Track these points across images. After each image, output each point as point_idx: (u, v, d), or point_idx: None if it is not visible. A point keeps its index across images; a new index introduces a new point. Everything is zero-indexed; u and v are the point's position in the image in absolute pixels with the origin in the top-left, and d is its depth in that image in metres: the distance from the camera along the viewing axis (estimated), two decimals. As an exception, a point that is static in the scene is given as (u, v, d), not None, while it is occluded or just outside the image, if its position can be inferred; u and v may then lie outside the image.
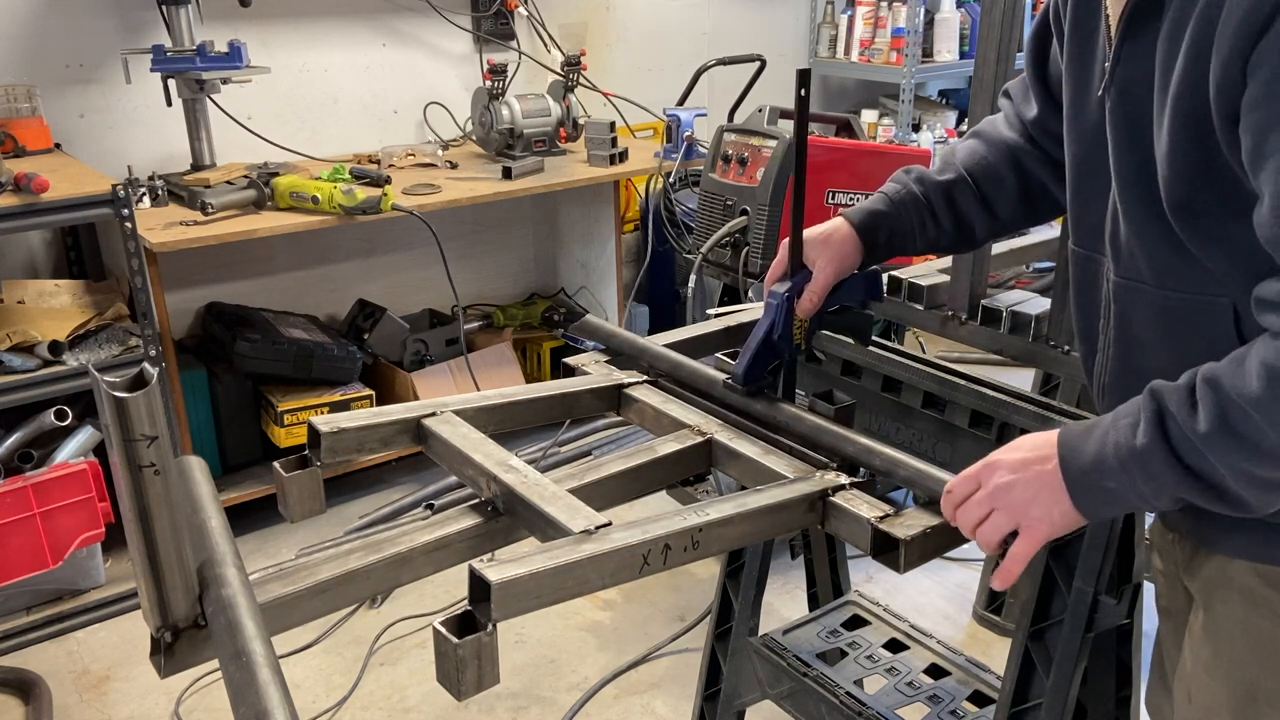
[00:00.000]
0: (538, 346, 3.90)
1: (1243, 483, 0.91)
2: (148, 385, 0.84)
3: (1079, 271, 1.20)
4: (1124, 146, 1.05)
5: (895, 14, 4.48)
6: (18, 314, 2.76)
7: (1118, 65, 1.04)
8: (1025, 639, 1.43)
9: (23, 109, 2.93)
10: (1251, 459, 0.89)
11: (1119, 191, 1.07)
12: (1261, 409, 0.87)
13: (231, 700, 0.84)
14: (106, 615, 2.76)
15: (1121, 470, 0.96)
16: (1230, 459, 0.90)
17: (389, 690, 2.51)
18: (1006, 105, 1.39)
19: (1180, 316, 1.04)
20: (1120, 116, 1.05)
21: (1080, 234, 1.19)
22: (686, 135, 3.47)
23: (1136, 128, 1.02)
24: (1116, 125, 1.05)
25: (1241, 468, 0.90)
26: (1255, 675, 1.09)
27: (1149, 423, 0.94)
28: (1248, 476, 0.91)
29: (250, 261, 3.44)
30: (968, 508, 1.05)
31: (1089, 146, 1.12)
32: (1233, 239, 0.96)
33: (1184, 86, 0.95)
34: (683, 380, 1.41)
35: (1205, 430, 0.90)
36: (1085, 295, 1.20)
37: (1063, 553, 1.40)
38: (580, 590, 0.98)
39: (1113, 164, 1.07)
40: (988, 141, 1.37)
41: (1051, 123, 1.27)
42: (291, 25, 3.45)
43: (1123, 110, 1.04)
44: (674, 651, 2.63)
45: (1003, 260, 1.87)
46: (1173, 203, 0.99)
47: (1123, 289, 1.10)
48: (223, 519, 1.05)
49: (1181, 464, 0.93)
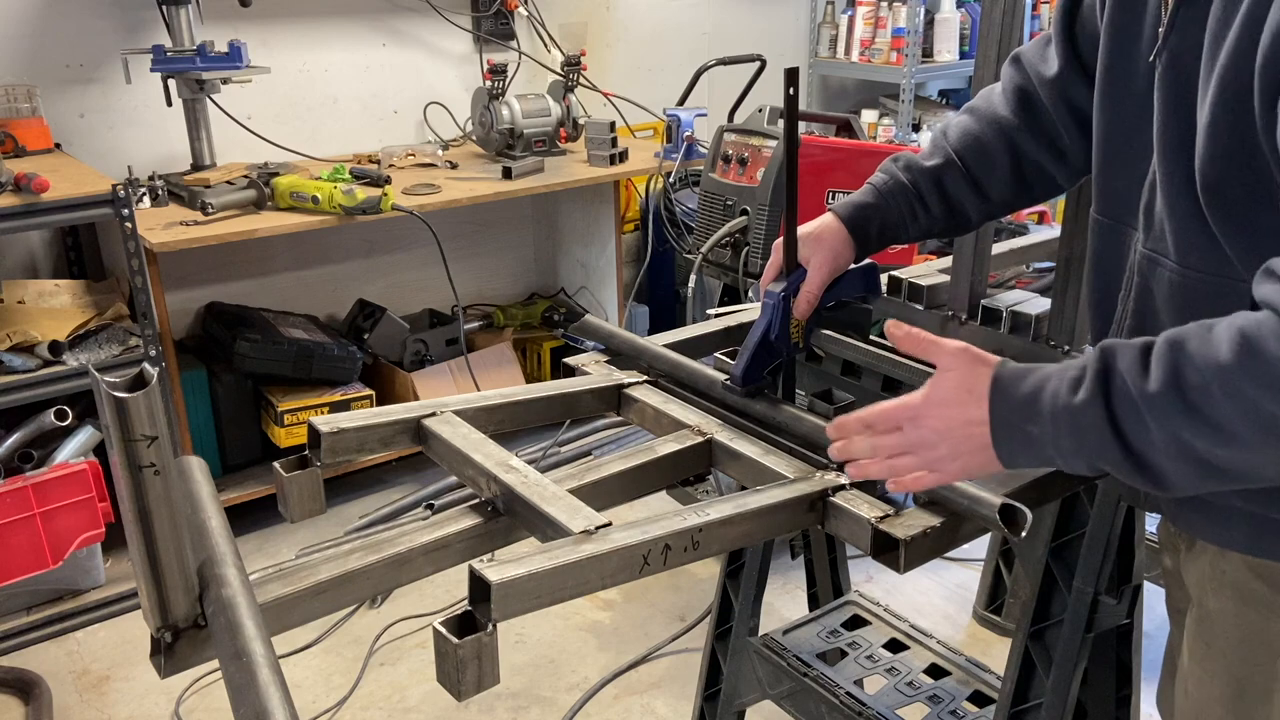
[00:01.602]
0: (538, 346, 3.90)
1: (1172, 454, 0.86)
2: (148, 385, 0.84)
3: (1100, 242, 1.17)
4: (1170, 117, 1.00)
5: (895, 14, 4.48)
6: (18, 314, 2.76)
7: (1172, 31, 0.99)
8: (1025, 639, 1.43)
9: (23, 109, 2.93)
10: (1192, 428, 0.85)
11: (1160, 162, 1.02)
12: (1223, 377, 0.83)
13: (231, 700, 0.84)
14: (106, 615, 2.76)
15: (1050, 420, 0.92)
16: (1170, 424, 0.85)
17: (389, 690, 2.51)
18: (1010, 73, 1.33)
19: (1197, 297, 1.00)
20: (1169, 85, 1.00)
21: (1106, 203, 1.15)
22: (686, 135, 3.47)
23: (1185, 98, 0.98)
24: (1165, 94, 1.01)
25: (1179, 436, 0.86)
26: (1246, 669, 1.09)
27: (1093, 379, 0.90)
28: (1180, 448, 0.86)
29: (250, 261, 3.44)
30: (879, 442, 1.03)
31: (1129, 112, 1.08)
32: (1258, 226, 0.93)
33: (1232, 60, 0.90)
34: (682, 380, 1.41)
35: (1154, 390, 0.86)
36: (1106, 266, 1.16)
37: (1063, 553, 1.40)
38: (580, 590, 0.97)
39: (1156, 133, 1.02)
40: (981, 119, 1.33)
41: (1071, 84, 1.22)
42: (291, 25, 3.45)
43: (1172, 78, 1.00)
44: (674, 651, 2.63)
45: (1003, 260, 1.87)
46: (1206, 182, 0.95)
47: (1147, 262, 1.06)
48: (223, 519, 1.05)
49: (1113, 426, 0.88)
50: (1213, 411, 0.83)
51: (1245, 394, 0.82)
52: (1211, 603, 1.12)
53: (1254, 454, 0.84)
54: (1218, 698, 1.12)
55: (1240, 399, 0.82)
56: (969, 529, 1.10)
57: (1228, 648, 1.11)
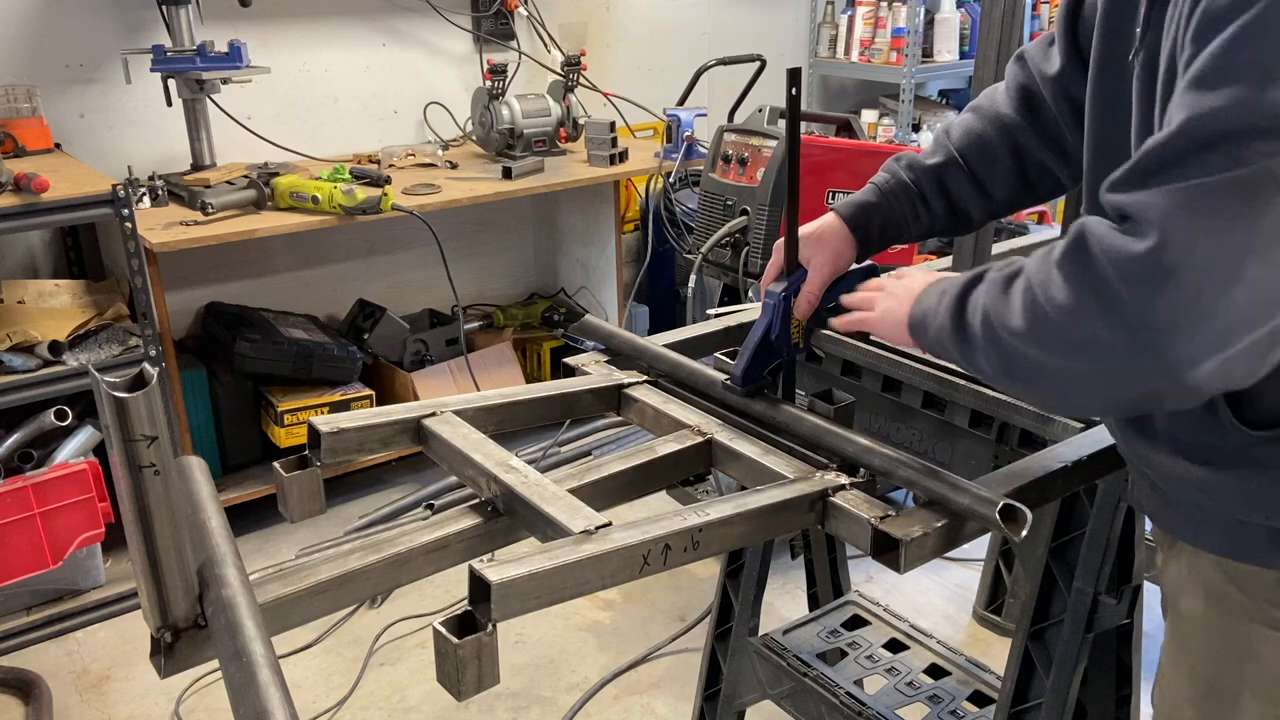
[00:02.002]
0: (538, 346, 3.90)
1: (991, 342, 0.96)
2: (148, 385, 0.84)
3: None
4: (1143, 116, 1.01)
5: (895, 14, 4.48)
6: (18, 314, 2.76)
7: (1148, 30, 1.00)
8: (1025, 639, 1.43)
9: (23, 109, 2.93)
10: (1004, 322, 0.94)
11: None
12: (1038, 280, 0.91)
13: (231, 700, 0.84)
14: (106, 615, 2.76)
15: (936, 298, 1.06)
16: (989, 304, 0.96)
17: (389, 690, 2.51)
18: (1014, 71, 1.33)
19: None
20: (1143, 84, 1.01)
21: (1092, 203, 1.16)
22: (686, 135, 3.47)
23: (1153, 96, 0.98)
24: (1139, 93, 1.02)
25: (993, 323, 0.95)
26: (1215, 671, 1.09)
27: (971, 274, 1.03)
28: (993, 335, 0.95)
29: (250, 261, 3.44)
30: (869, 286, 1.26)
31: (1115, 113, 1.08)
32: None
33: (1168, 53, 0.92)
34: (682, 380, 1.41)
35: (991, 280, 0.97)
36: None
37: (1063, 553, 1.40)
38: (580, 590, 0.97)
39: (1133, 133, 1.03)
40: (984, 117, 1.33)
41: (1073, 83, 1.23)
42: (291, 25, 3.45)
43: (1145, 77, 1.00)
44: (674, 651, 2.63)
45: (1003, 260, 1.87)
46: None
47: None
48: (223, 519, 1.05)
49: (961, 308, 1.00)
50: (1021, 302, 0.93)
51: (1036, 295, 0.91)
52: (1184, 603, 1.12)
53: (1037, 353, 0.92)
54: (1188, 698, 1.13)
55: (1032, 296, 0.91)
56: (969, 529, 1.10)
57: (1198, 648, 1.11)
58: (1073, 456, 1.22)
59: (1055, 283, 0.89)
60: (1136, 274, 0.83)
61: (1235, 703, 1.08)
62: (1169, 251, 0.81)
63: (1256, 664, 1.05)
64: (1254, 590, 1.03)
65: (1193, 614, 1.10)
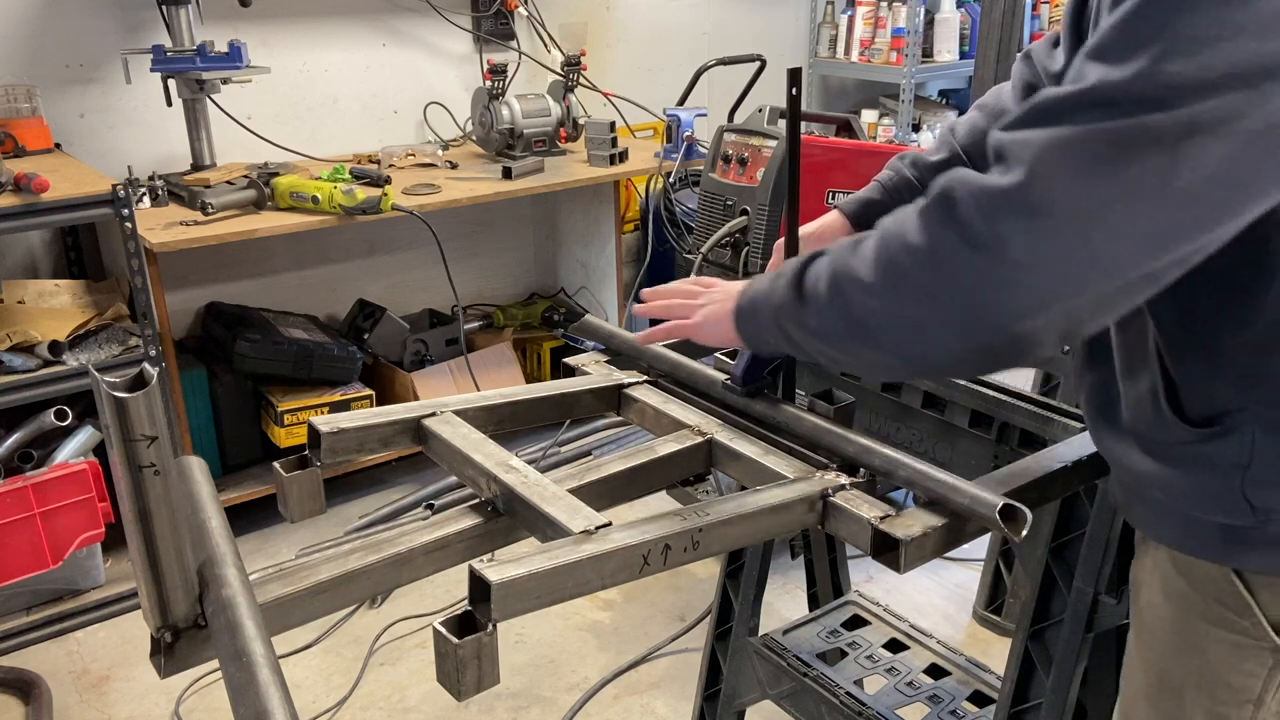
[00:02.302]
0: (538, 346, 3.90)
1: (834, 302, 0.97)
2: (148, 385, 0.84)
3: None
4: None
5: (895, 14, 4.48)
6: (18, 314, 2.76)
7: None
8: (1025, 639, 1.43)
9: (23, 109, 2.93)
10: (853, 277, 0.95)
11: None
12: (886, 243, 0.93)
13: (231, 700, 0.84)
14: (106, 615, 2.76)
15: (768, 283, 1.08)
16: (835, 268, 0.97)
17: (389, 690, 2.51)
18: (1020, 69, 1.33)
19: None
20: None
21: None
22: (686, 135, 3.47)
23: None
24: None
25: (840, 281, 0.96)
26: (1166, 664, 1.10)
27: (811, 253, 1.04)
28: (837, 293, 0.97)
29: (250, 261, 3.44)
30: (679, 291, 1.29)
31: None
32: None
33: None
34: (682, 380, 1.41)
35: (839, 247, 0.98)
36: None
37: (1063, 553, 1.40)
38: (580, 590, 0.97)
39: None
40: (989, 115, 1.33)
41: None
42: (291, 25, 3.45)
43: None
44: (674, 651, 2.63)
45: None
46: None
47: None
48: (223, 519, 1.05)
49: (801, 278, 1.02)
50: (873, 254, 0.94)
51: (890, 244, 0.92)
52: (1144, 596, 1.13)
53: (886, 301, 0.93)
54: (1141, 690, 1.13)
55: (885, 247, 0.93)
56: (969, 529, 1.10)
57: (1152, 641, 1.12)
58: (1073, 456, 1.22)
59: (913, 229, 0.89)
60: (1001, 207, 0.83)
61: (1180, 698, 1.08)
62: (1035, 188, 0.82)
63: (1202, 659, 1.05)
64: (1204, 587, 1.03)
65: (1151, 607, 1.11)
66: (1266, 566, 0.99)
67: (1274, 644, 1.00)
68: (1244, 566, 1.00)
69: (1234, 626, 1.02)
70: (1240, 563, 1.00)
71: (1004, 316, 0.86)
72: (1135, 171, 0.79)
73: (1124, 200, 0.80)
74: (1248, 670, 1.02)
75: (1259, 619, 1.00)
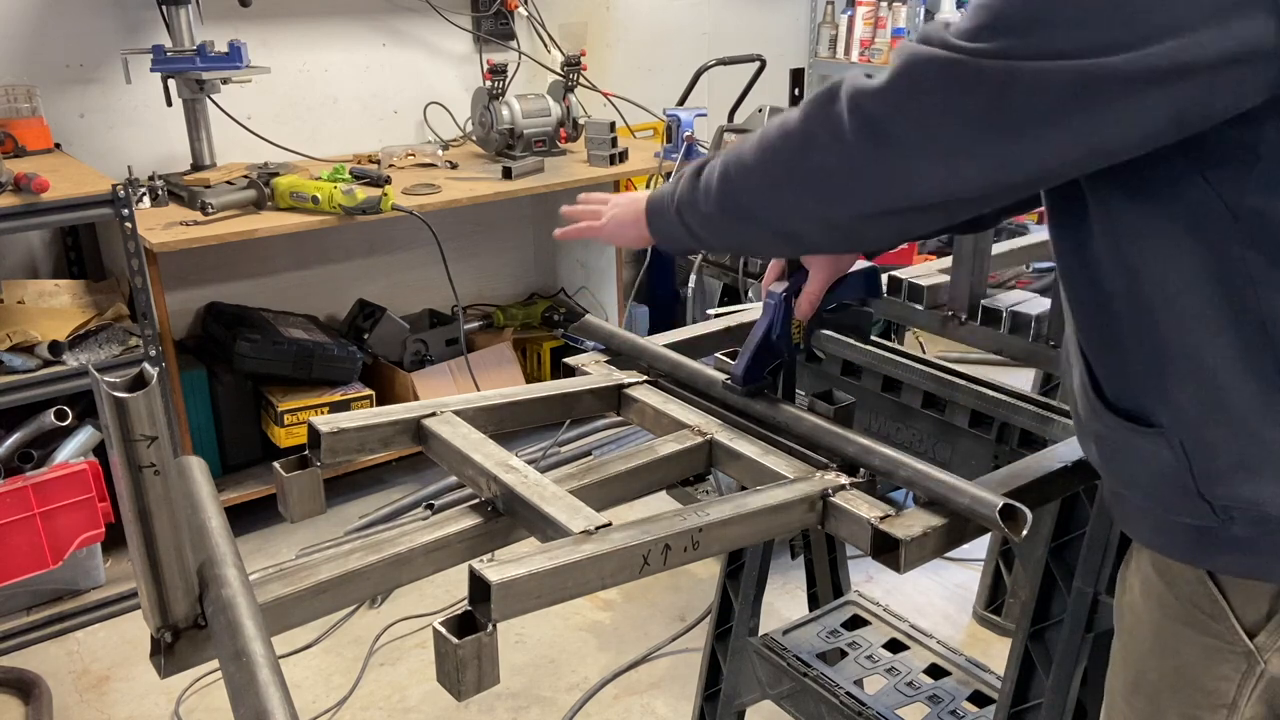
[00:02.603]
0: (538, 346, 3.90)
1: (718, 183, 1.04)
2: (148, 385, 0.84)
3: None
4: None
5: (895, 14, 4.48)
6: (18, 314, 2.76)
7: None
8: (1025, 639, 1.43)
9: (23, 109, 2.93)
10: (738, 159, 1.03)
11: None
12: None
13: (231, 700, 0.84)
14: (106, 615, 2.76)
15: (669, 183, 1.14)
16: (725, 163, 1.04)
17: (389, 690, 2.51)
18: None
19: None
20: None
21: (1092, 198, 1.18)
22: (686, 135, 3.46)
23: None
24: None
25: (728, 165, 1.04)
26: (1143, 665, 1.10)
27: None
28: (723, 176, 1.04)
29: (250, 261, 3.44)
30: (590, 201, 1.34)
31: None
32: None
33: None
34: (683, 380, 1.41)
35: (738, 140, 1.05)
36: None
37: (1063, 553, 1.40)
38: (580, 590, 0.98)
39: None
40: None
41: None
42: (291, 25, 3.45)
43: None
44: (674, 651, 2.63)
45: (1003, 260, 1.87)
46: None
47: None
48: (223, 519, 1.05)
49: (699, 170, 1.08)
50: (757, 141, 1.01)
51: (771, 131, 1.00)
52: (1126, 596, 1.13)
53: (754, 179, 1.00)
54: (1120, 689, 1.13)
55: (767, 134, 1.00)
56: (969, 529, 1.10)
57: (1131, 641, 1.12)
58: (1073, 456, 1.22)
59: (794, 116, 0.97)
60: (863, 105, 0.91)
61: (1156, 700, 1.08)
62: (890, 94, 0.89)
63: (1178, 662, 1.05)
64: (1180, 588, 1.03)
65: (1132, 608, 1.11)
66: (1236, 568, 0.98)
67: (1247, 648, 0.99)
68: (1214, 568, 0.99)
69: (1208, 630, 1.01)
70: (1211, 564, 0.99)
71: (852, 203, 0.95)
72: (993, 107, 0.85)
73: (971, 135, 0.87)
74: (1221, 674, 1.01)
75: (1232, 623, 0.99)
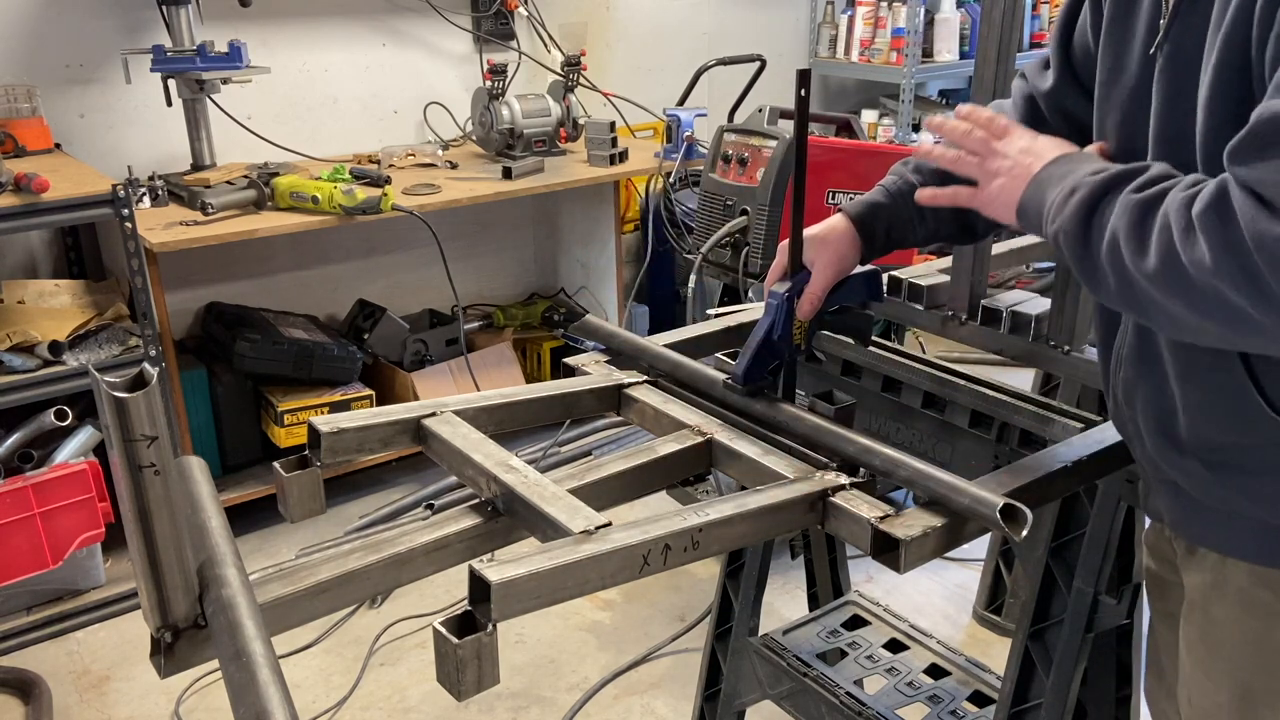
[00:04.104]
0: (538, 346, 3.90)
1: (1113, 262, 0.97)
2: (148, 385, 0.84)
3: None
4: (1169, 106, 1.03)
5: (895, 14, 4.48)
6: (18, 314, 2.76)
7: (1175, 21, 1.02)
8: (1025, 639, 1.43)
9: (23, 109, 2.93)
10: (1133, 249, 0.95)
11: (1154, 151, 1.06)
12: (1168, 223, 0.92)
13: (231, 700, 0.84)
14: (106, 615, 2.76)
15: (1057, 191, 1.05)
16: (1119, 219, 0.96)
17: (389, 690, 2.51)
18: (1017, 87, 1.36)
19: None
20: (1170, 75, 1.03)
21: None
22: (686, 135, 3.47)
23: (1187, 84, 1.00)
24: (1165, 84, 1.04)
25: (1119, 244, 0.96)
26: (1252, 676, 1.09)
27: (1108, 177, 1.00)
28: (1116, 256, 0.96)
29: (250, 261, 3.44)
30: (969, 139, 1.18)
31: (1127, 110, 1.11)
32: None
33: (1232, 30, 0.93)
34: (683, 380, 1.41)
35: (1133, 201, 0.96)
36: None
37: (1063, 553, 1.40)
38: (580, 590, 0.97)
39: (1153, 124, 1.05)
40: None
41: (1066, 96, 1.26)
42: (291, 25, 3.45)
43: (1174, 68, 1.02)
44: (674, 651, 2.63)
45: (1003, 260, 1.87)
46: (1206, 153, 0.98)
47: None
48: (223, 519, 1.05)
49: (1090, 214, 1.00)
50: (1156, 239, 0.93)
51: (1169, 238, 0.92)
52: (1216, 610, 1.12)
53: (1155, 291, 0.93)
54: (1223, 704, 1.12)
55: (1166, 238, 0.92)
56: (969, 529, 1.10)
57: (1233, 654, 1.11)
58: (1073, 456, 1.22)
59: (1197, 239, 0.90)
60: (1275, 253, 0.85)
61: (1275, 707, 1.08)
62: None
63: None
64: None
65: (1227, 621, 1.10)
66: None
67: None
68: None
69: None
70: None
71: (1259, 343, 0.92)
72: None
73: None
74: None
75: None
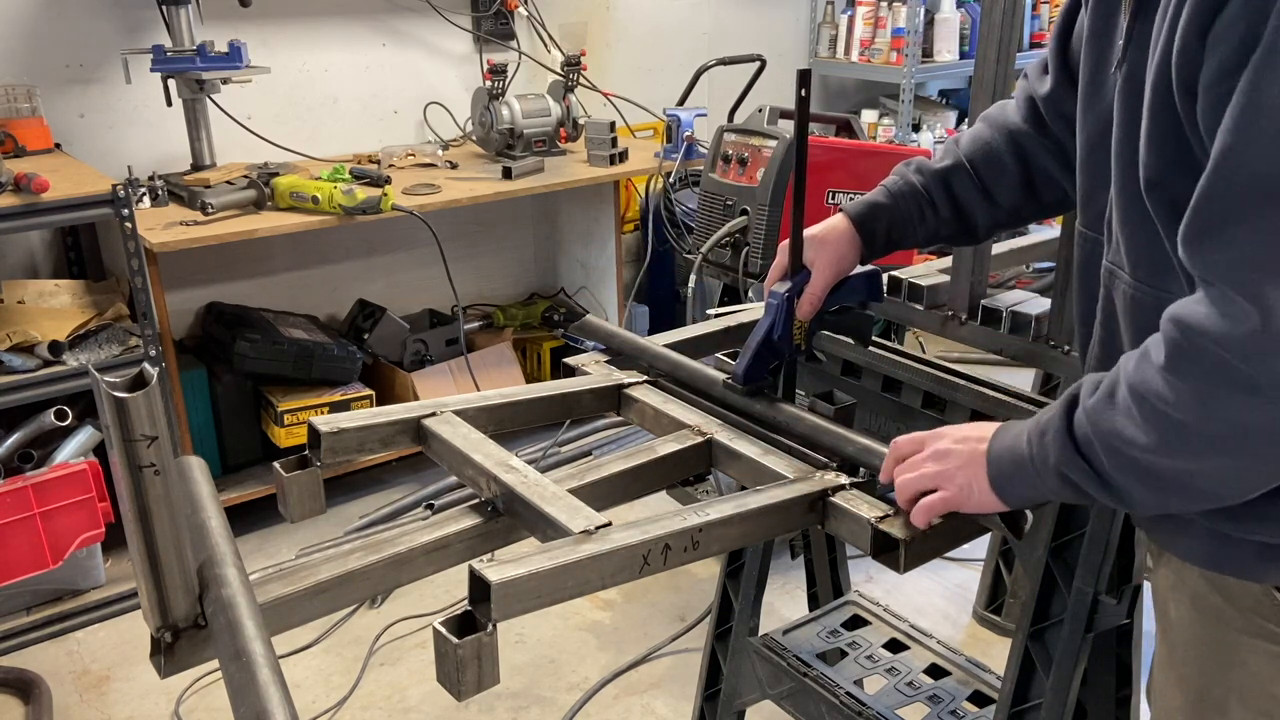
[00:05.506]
0: (538, 346, 3.90)
1: (1116, 461, 0.93)
2: (148, 385, 0.84)
3: (1082, 253, 1.19)
4: (1125, 127, 1.03)
5: (895, 14, 4.48)
6: (18, 314, 2.76)
7: (1130, 43, 1.02)
8: (1025, 639, 1.43)
9: (23, 109, 2.93)
10: (1123, 433, 0.92)
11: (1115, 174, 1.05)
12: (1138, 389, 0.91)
13: (231, 700, 0.84)
14: (106, 615, 2.76)
15: (1026, 444, 1.01)
16: (1104, 425, 0.93)
17: (389, 690, 2.51)
18: (1020, 86, 1.36)
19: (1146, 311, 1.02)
20: (1126, 95, 1.03)
21: (1087, 216, 1.17)
22: (686, 135, 3.47)
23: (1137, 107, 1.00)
24: (1122, 104, 1.03)
25: (1115, 437, 0.93)
26: (1204, 679, 1.09)
27: (1062, 402, 0.99)
28: (1119, 455, 0.93)
29: (250, 261, 3.44)
30: (909, 463, 1.10)
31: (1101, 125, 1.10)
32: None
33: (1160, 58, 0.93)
34: (683, 380, 1.41)
35: (1093, 403, 0.95)
36: (1085, 277, 1.18)
37: (1063, 553, 1.40)
38: (580, 590, 0.98)
39: (1113, 144, 1.05)
40: (993, 126, 1.35)
41: (1064, 101, 1.25)
42: (291, 25, 3.45)
43: (1129, 89, 1.02)
44: (674, 651, 2.63)
45: (1003, 260, 1.87)
46: (1147, 178, 0.97)
47: (1109, 274, 1.09)
48: (223, 519, 1.05)
49: (1072, 437, 0.96)
50: (1139, 416, 0.91)
51: (1155, 405, 0.90)
52: (1172, 611, 1.12)
53: (1180, 461, 0.90)
54: (1179, 706, 1.13)
55: (1150, 407, 0.90)
56: (969, 529, 1.10)
57: (1187, 657, 1.11)
58: (1073, 456, 1.22)
59: (1171, 385, 0.88)
60: (1257, 351, 0.83)
61: (1225, 712, 1.08)
62: (1274, 321, 0.82)
63: (1243, 672, 1.05)
64: (1240, 601, 1.03)
65: (1181, 622, 1.11)
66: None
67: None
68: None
69: (1275, 638, 1.01)
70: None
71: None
72: None
73: None
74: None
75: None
